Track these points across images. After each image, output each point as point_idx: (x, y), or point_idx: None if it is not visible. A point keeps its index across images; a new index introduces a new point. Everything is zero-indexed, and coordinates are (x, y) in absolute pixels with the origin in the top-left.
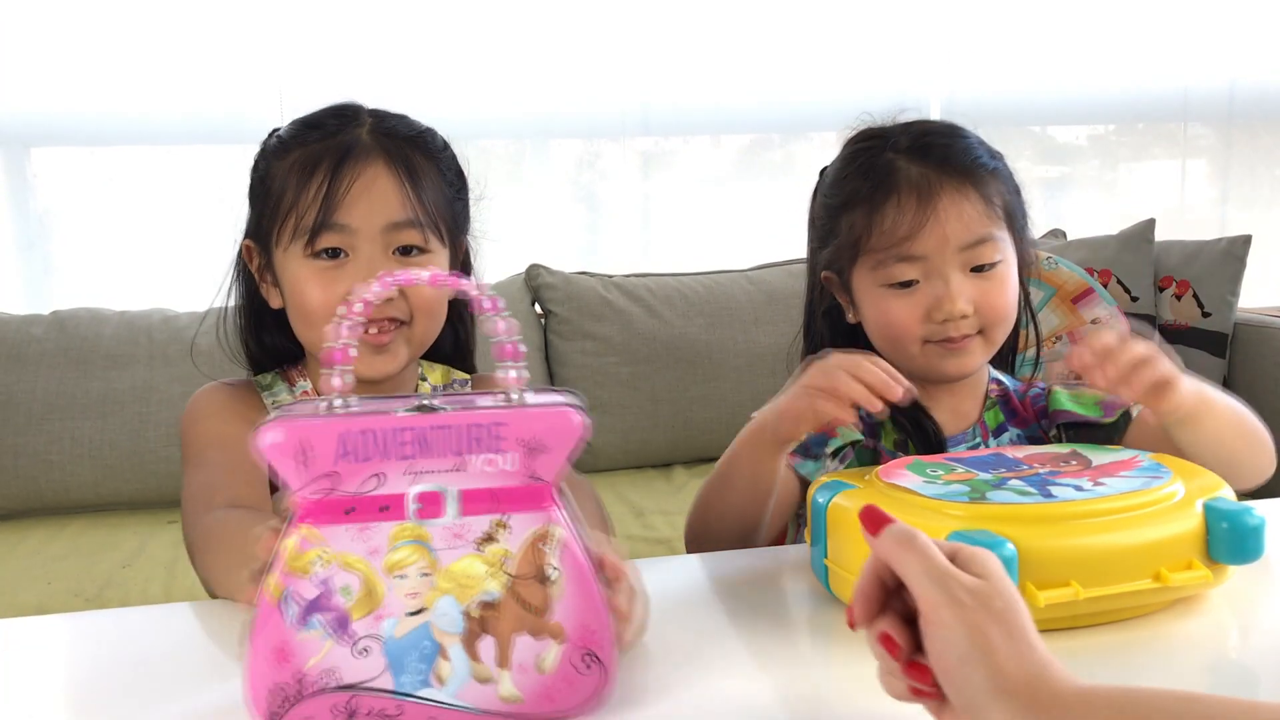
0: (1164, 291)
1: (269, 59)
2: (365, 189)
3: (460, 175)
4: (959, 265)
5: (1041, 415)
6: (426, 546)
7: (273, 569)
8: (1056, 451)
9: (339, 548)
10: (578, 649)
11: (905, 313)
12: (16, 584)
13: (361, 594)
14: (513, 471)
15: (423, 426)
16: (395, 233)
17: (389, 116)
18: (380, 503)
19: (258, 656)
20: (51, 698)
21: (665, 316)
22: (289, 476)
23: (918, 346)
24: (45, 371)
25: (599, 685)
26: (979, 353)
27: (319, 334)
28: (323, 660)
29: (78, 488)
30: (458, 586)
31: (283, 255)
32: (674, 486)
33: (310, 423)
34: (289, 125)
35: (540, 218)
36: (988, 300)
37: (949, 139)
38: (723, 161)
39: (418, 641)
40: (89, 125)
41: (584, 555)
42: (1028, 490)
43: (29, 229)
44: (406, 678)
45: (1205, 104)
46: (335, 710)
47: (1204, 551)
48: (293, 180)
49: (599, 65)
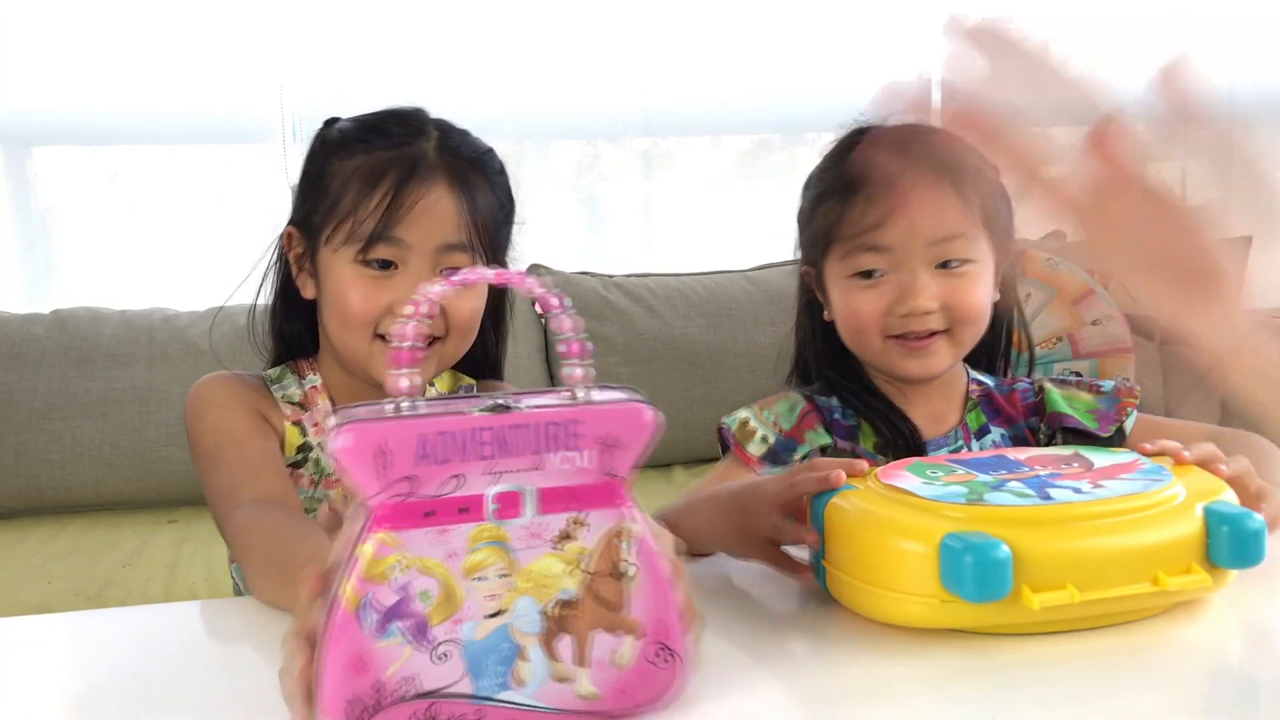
0: None
1: (270, 58)
2: (427, 209)
3: (510, 199)
4: (927, 260)
5: (1031, 412)
6: (505, 547)
7: (349, 576)
8: (1059, 453)
9: (417, 552)
10: (653, 643)
11: (868, 305)
12: (17, 583)
13: (440, 598)
14: (589, 469)
15: (501, 426)
16: (447, 254)
17: (454, 132)
18: (459, 504)
19: (334, 668)
20: (51, 697)
21: (666, 317)
22: (364, 481)
23: (879, 341)
24: (46, 371)
25: (674, 678)
26: (944, 354)
27: (354, 337)
28: (402, 668)
29: (78, 487)
30: (536, 586)
31: (331, 254)
32: (674, 487)
33: (388, 425)
34: (350, 122)
35: (541, 218)
36: (955, 298)
37: (933, 135)
38: (723, 162)
39: (497, 644)
40: (90, 124)
41: (657, 549)
42: (1026, 492)
43: (30, 228)
44: (486, 681)
45: (1205, 105)
46: (415, 717)
47: (1204, 555)
48: (355, 185)
49: (600, 66)
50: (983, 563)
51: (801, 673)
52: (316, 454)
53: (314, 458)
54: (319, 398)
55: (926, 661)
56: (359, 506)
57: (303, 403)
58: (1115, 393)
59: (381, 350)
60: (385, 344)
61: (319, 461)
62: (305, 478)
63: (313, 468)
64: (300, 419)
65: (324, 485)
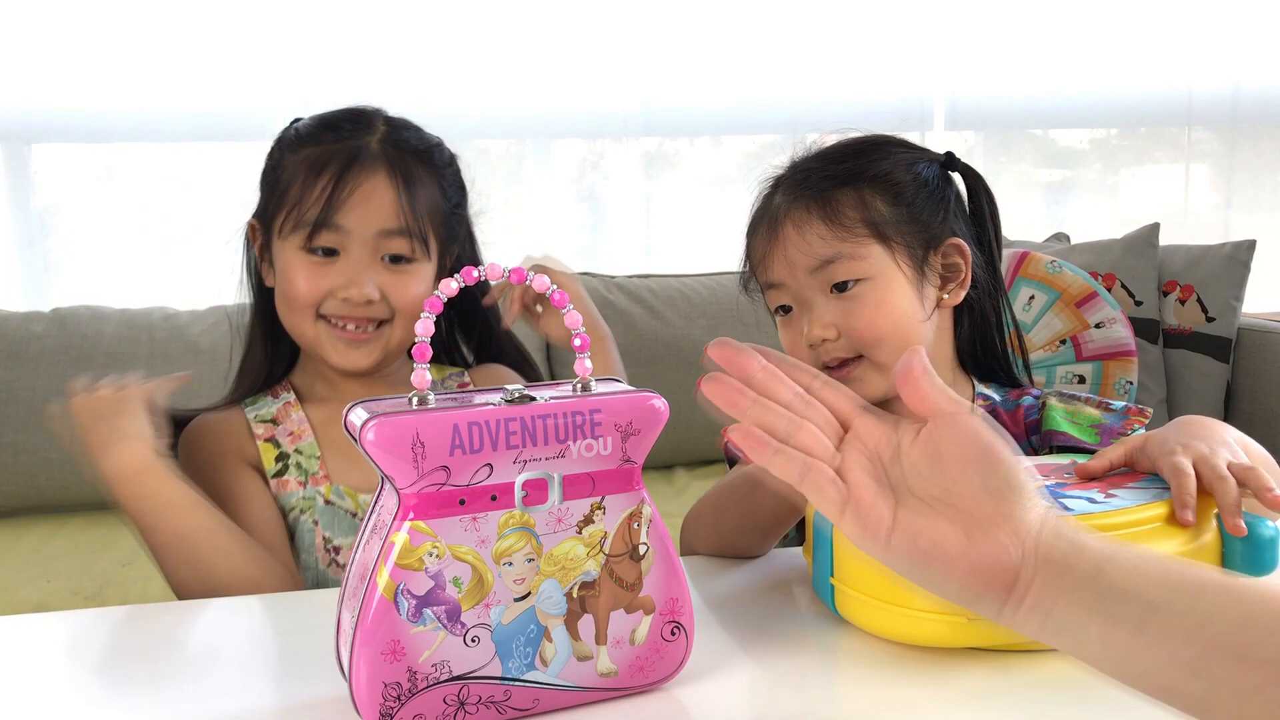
0: (1168, 296)
1: (271, 56)
2: (365, 196)
3: (462, 189)
4: (818, 288)
5: (1033, 430)
6: (531, 532)
7: (384, 563)
8: (1057, 462)
9: (450, 540)
10: (665, 619)
11: (790, 340)
12: (16, 582)
13: (471, 584)
14: (608, 455)
15: (528, 416)
16: (386, 240)
17: (402, 127)
18: (490, 492)
19: (368, 656)
20: (51, 696)
21: (667, 318)
22: (397, 473)
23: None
24: (45, 369)
25: (683, 652)
26: (870, 379)
27: (298, 319)
28: (435, 653)
29: (77, 486)
30: (560, 569)
31: (281, 243)
32: (675, 489)
33: (421, 417)
34: (308, 120)
35: (542, 218)
36: (847, 322)
37: (822, 161)
38: (725, 163)
39: (524, 626)
40: (90, 122)
41: (665, 530)
42: None
43: (30, 226)
44: (514, 662)
45: (1209, 108)
46: (447, 701)
47: (1220, 564)
48: (301, 175)
49: (602, 66)
50: None
51: (815, 696)
52: (296, 459)
53: (294, 463)
54: (291, 410)
55: (944, 681)
56: None
57: (275, 419)
58: (1125, 410)
59: (326, 331)
60: (329, 324)
61: (300, 464)
62: (291, 481)
63: (296, 471)
64: (273, 435)
65: (312, 483)
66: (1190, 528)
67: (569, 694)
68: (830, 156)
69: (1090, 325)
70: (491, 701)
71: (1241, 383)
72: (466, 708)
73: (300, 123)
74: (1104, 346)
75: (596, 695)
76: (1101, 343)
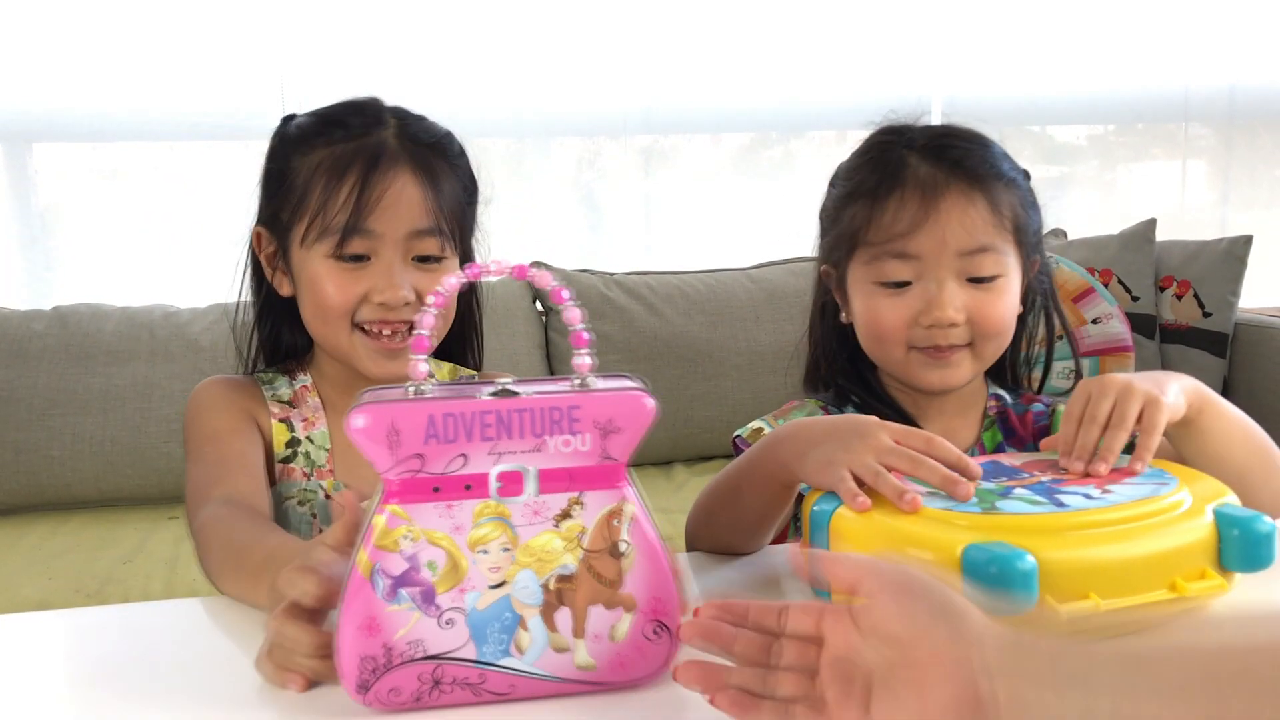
0: (1165, 291)
1: (270, 55)
2: (395, 198)
3: (473, 180)
4: (955, 272)
5: (1041, 435)
6: (507, 523)
7: (363, 544)
8: (1050, 458)
9: (425, 525)
10: (648, 619)
11: (893, 314)
12: (17, 579)
13: (446, 568)
14: (587, 452)
15: (504, 409)
16: (417, 240)
17: (411, 119)
18: (464, 481)
19: (348, 629)
20: (52, 694)
21: (666, 315)
22: (377, 458)
23: (902, 351)
24: (47, 367)
25: (667, 653)
26: (966, 367)
27: (332, 329)
28: (410, 632)
29: (79, 483)
30: (536, 561)
31: (303, 251)
32: (674, 485)
33: (399, 407)
34: (308, 117)
35: (541, 216)
36: (981, 311)
37: (968, 143)
38: (724, 159)
39: (499, 613)
40: (91, 121)
41: (653, 531)
42: (1038, 499)
43: (31, 225)
44: (488, 648)
45: (1205, 105)
46: (421, 679)
47: (1216, 560)
48: (320, 180)
49: (600, 63)
50: (1009, 574)
51: None
52: (306, 448)
53: (303, 451)
54: (308, 395)
55: None
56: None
57: (292, 401)
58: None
59: (361, 340)
60: (364, 334)
61: (309, 454)
62: (297, 471)
63: (303, 461)
64: (288, 416)
65: (316, 476)
66: (1185, 516)
67: (546, 684)
68: (972, 139)
69: (1087, 321)
70: (466, 683)
71: (1238, 378)
72: (441, 686)
73: (298, 119)
74: (1101, 342)
75: (574, 688)
76: (1098, 338)
